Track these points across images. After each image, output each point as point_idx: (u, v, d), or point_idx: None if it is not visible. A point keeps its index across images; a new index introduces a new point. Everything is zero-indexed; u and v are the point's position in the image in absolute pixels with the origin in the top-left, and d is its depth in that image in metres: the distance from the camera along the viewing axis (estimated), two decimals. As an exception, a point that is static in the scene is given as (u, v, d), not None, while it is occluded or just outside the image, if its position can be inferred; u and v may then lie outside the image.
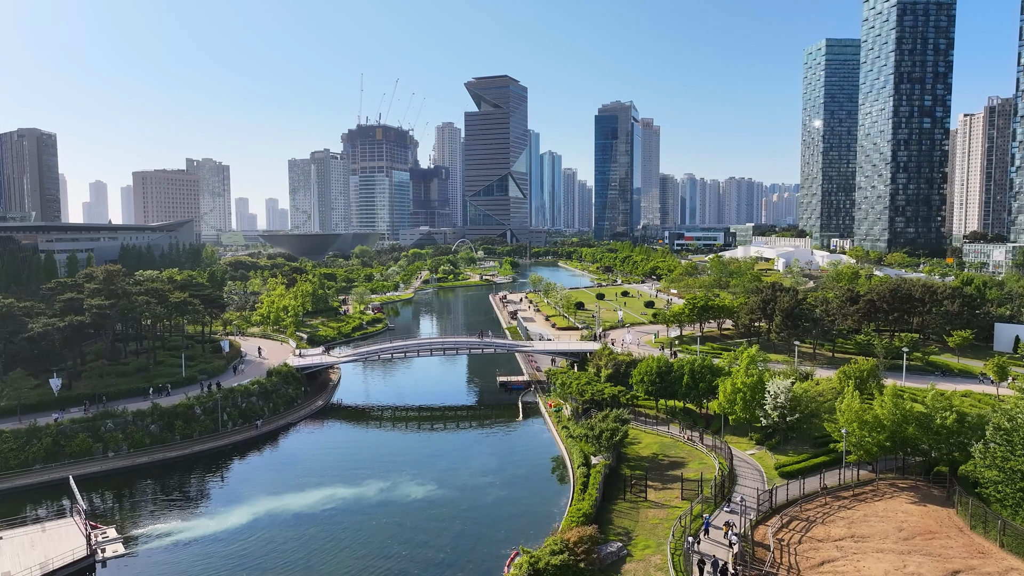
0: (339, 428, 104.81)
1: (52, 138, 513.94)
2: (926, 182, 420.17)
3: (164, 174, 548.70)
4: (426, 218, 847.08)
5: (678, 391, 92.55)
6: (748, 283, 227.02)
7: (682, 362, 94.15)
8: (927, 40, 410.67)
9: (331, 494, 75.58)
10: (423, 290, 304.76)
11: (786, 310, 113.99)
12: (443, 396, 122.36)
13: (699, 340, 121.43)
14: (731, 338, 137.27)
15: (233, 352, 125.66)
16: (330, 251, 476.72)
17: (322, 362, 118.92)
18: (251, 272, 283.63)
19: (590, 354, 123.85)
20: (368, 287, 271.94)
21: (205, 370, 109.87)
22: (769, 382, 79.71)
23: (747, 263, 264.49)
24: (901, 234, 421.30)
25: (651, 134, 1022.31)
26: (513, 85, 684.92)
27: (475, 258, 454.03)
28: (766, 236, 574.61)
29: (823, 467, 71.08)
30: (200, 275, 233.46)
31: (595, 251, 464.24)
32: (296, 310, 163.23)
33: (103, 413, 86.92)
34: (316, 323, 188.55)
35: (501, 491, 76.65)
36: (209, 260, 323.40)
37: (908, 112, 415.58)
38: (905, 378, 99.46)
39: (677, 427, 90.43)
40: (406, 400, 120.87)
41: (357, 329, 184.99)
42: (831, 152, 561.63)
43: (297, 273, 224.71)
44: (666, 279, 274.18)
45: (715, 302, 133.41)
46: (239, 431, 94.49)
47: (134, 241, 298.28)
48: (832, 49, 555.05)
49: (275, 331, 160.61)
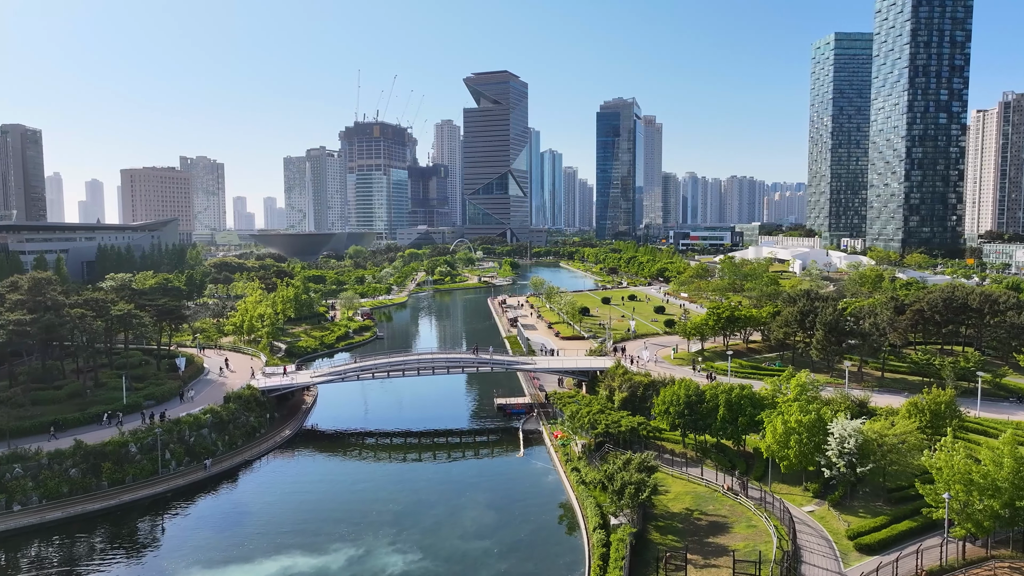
0: (309, 463, 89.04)
1: (37, 134, 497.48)
2: (941, 180, 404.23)
3: (154, 171, 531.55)
4: (425, 217, 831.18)
5: (711, 425, 76.73)
6: (765, 287, 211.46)
7: (715, 390, 78.35)
8: (943, 32, 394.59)
9: (286, 567, 59.87)
10: (419, 293, 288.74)
11: (829, 323, 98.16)
12: (433, 419, 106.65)
13: (728, 358, 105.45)
14: (759, 352, 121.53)
15: (193, 370, 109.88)
16: (324, 251, 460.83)
17: (292, 383, 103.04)
18: (236, 274, 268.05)
19: (601, 373, 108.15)
20: (359, 290, 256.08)
21: (153, 395, 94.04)
22: (832, 422, 63.86)
23: (761, 265, 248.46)
24: (915, 233, 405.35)
25: (653, 131, 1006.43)
26: (513, 81, 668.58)
27: (474, 258, 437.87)
28: (773, 236, 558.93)
29: (913, 537, 55.29)
30: (177, 278, 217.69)
31: (598, 251, 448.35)
32: (273, 319, 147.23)
33: (10, 455, 71.09)
34: (299, 331, 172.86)
35: (499, 563, 60.70)
36: (194, 261, 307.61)
37: (923, 107, 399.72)
38: (980, 407, 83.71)
39: (711, 468, 74.70)
40: (391, 423, 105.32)
41: (342, 339, 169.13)
42: (840, 149, 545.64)
43: (280, 276, 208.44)
44: (675, 282, 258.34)
45: (742, 312, 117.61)
46: (184, 473, 78.61)
47: (113, 241, 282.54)
48: (841, 43, 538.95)
49: (248, 342, 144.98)
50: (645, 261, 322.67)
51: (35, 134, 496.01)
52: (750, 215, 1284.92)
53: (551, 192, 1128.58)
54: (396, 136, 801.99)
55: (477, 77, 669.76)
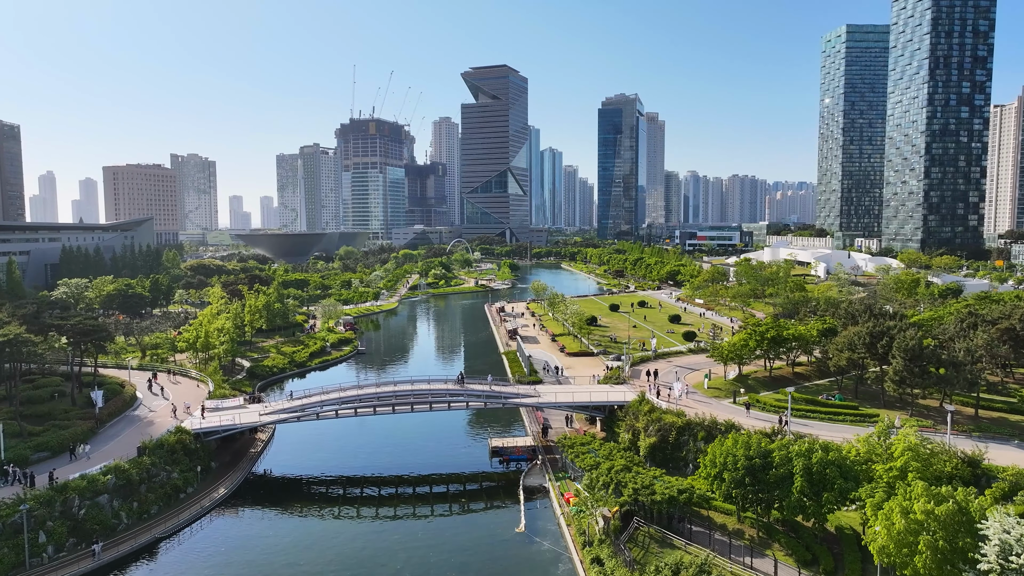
0: (249, 533, 68.32)
1: (15, 129, 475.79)
2: (963, 177, 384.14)
3: (138, 169, 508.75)
4: (422, 216, 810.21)
5: (785, 500, 55.98)
6: (790, 293, 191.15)
7: (786, 450, 57.74)
8: (966, 21, 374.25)
9: None
10: (411, 298, 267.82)
11: (911, 350, 77.44)
12: (412, 463, 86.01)
13: (784, 392, 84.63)
14: (806, 378, 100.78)
15: (118, 404, 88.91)
16: (315, 252, 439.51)
17: (233, 424, 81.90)
18: (213, 278, 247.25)
19: (620, 408, 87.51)
20: (344, 296, 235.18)
21: (47, 444, 73.13)
22: (987, 523, 43.08)
23: (783, 268, 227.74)
24: (935, 233, 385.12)
25: (656, 129, 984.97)
26: (513, 75, 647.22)
27: (471, 260, 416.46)
28: (782, 235, 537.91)
29: None
30: (140, 283, 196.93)
31: (601, 252, 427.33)
32: (233, 334, 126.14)
33: None
34: (270, 345, 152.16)
35: None
36: (170, 264, 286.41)
37: (944, 100, 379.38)
38: None
39: (785, 561, 54.04)
40: (360, 467, 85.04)
41: (318, 354, 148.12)
42: (851, 146, 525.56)
43: (253, 282, 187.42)
44: (689, 286, 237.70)
45: (790, 330, 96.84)
46: (63, 563, 57.88)
47: (81, 242, 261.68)
48: (853, 36, 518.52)
49: (204, 361, 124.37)
50: (653, 263, 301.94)
51: (12, 129, 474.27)
52: (751, 214, 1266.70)
53: (551, 191, 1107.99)
54: (393, 133, 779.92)
55: (475, 72, 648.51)
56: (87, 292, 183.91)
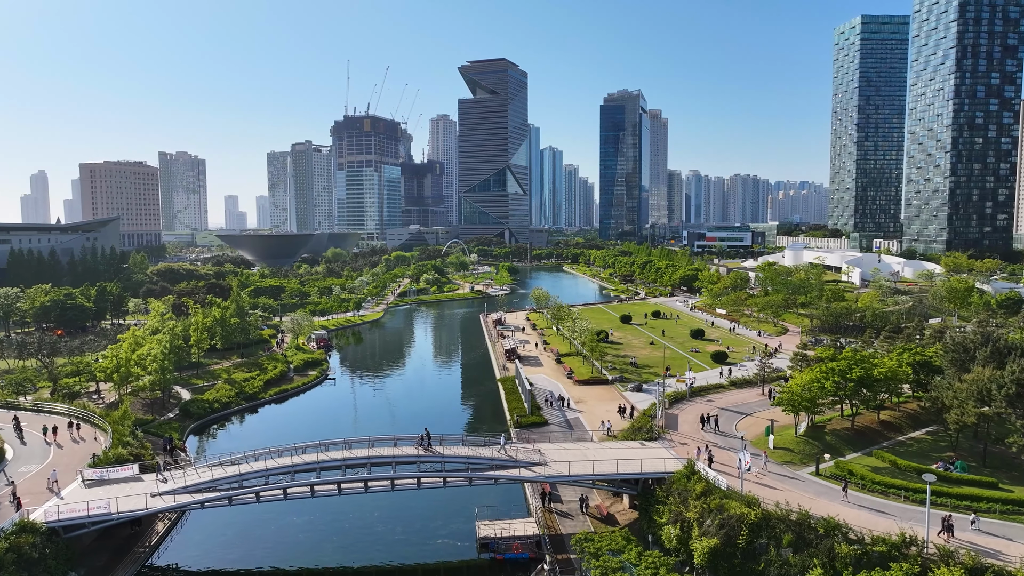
0: None
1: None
2: (992, 173, 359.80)
3: (117, 166, 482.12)
4: (419, 216, 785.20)
5: None
6: (827, 303, 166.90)
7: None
8: (995, 7, 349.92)
9: None
10: (400, 306, 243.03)
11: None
12: (369, 554, 61.64)
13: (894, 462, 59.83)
14: (897, 429, 76.23)
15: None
16: (302, 254, 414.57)
17: (107, 513, 56.52)
18: (182, 284, 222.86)
19: (658, 484, 62.81)
20: (321, 306, 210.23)
21: None
22: None
23: (813, 274, 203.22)
24: (962, 234, 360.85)
25: (659, 127, 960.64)
26: (512, 69, 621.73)
27: (467, 262, 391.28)
28: (794, 236, 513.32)
29: None
30: (84, 293, 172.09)
31: (605, 254, 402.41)
32: (165, 361, 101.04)
33: None
34: (222, 369, 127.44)
35: None
36: (136, 268, 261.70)
37: (971, 92, 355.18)
38: None
39: None
40: (301, 557, 60.59)
41: (276, 382, 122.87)
42: (866, 142, 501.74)
43: (212, 291, 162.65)
44: (708, 293, 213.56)
45: (878, 369, 72.18)
46: None
47: (33, 245, 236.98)
48: (868, 27, 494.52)
49: (127, 395, 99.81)
50: (664, 267, 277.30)
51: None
52: (754, 214, 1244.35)
53: (551, 191, 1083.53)
54: (388, 131, 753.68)
55: (473, 65, 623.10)
56: (19, 303, 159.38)
